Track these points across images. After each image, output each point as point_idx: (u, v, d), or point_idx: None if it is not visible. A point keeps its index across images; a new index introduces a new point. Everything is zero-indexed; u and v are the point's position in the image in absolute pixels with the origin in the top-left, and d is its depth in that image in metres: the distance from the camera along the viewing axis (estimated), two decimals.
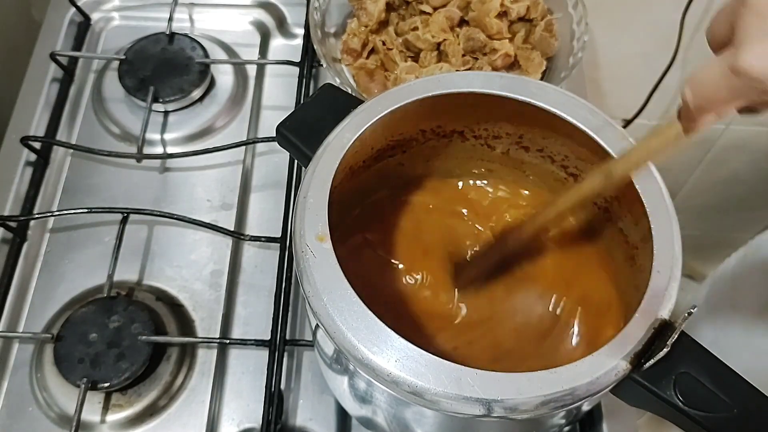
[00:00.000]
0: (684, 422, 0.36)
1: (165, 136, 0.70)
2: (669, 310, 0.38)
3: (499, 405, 0.35)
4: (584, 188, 0.43)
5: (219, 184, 0.68)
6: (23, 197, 0.66)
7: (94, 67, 0.75)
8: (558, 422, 0.44)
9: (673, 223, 0.41)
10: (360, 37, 0.71)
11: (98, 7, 0.79)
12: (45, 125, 0.70)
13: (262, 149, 0.70)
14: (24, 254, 0.63)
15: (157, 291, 0.61)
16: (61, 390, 0.55)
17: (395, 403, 0.41)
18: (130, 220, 0.63)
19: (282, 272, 0.61)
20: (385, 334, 0.36)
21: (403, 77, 0.68)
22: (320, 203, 0.41)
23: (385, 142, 0.49)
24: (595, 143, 0.44)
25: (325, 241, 0.39)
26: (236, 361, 0.59)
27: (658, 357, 0.36)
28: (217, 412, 0.57)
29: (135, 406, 0.55)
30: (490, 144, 0.52)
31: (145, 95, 0.69)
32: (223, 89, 0.73)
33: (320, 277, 0.38)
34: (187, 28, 0.78)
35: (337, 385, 0.48)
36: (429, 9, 0.69)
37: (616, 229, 0.48)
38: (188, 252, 0.64)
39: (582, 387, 0.35)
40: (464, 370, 0.35)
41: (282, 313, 0.59)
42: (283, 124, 0.48)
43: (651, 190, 0.42)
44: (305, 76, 0.72)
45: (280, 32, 0.79)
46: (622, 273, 0.47)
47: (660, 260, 0.39)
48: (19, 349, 0.59)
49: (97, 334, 0.56)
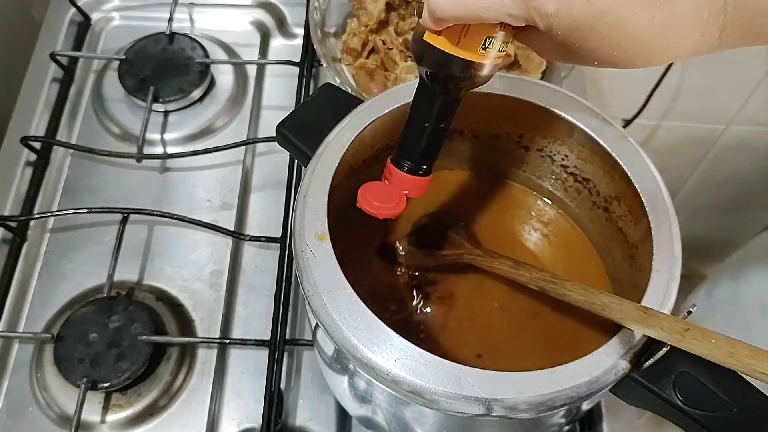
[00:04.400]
0: (684, 421, 0.36)
1: (165, 136, 0.70)
2: (669, 310, 0.38)
3: (498, 404, 0.35)
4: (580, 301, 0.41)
5: (219, 184, 0.68)
6: (23, 197, 0.66)
7: (94, 67, 0.75)
8: (558, 422, 0.44)
9: (673, 223, 0.41)
10: (360, 37, 0.71)
11: (98, 7, 0.79)
12: (45, 125, 0.70)
13: (262, 149, 0.70)
14: (24, 254, 0.63)
15: (157, 291, 0.61)
16: (61, 390, 0.55)
17: (395, 402, 0.41)
18: (130, 220, 0.63)
19: (282, 272, 0.61)
20: (385, 334, 0.36)
21: (403, 77, 0.68)
22: (320, 203, 0.41)
23: (385, 142, 0.49)
24: (595, 143, 0.45)
25: (324, 241, 0.39)
26: (236, 361, 0.59)
27: (658, 356, 0.36)
28: (217, 412, 0.57)
29: (135, 406, 0.55)
30: (490, 143, 0.52)
31: (145, 95, 0.69)
32: (223, 89, 0.73)
33: (320, 277, 0.38)
34: (187, 28, 0.78)
35: (337, 385, 0.48)
36: None
37: (616, 229, 0.48)
38: (188, 252, 0.64)
39: (582, 386, 0.35)
40: (464, 370, 0.35)
41: (282, 313, 0.59)
42: (283, 124, 0.48)
43: (651, 190, 0.42)
44: (305, 76, 0.72)
45: (280, 32, 0.79)
46: (622, 272, 0.47)
47: (660, 260, 0.40)
48: (19, 349, 0.59)
49: (97, 334, 0.56)
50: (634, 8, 0.31)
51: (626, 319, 0.37)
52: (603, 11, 0.31)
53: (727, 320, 0.77)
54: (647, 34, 0.32)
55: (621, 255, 0.47)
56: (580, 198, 0.51)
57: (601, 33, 0.32)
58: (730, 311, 0.77)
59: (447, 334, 0.48)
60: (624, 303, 0.38)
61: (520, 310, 0.48)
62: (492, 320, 0.48)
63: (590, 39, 0.32)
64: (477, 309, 0.49)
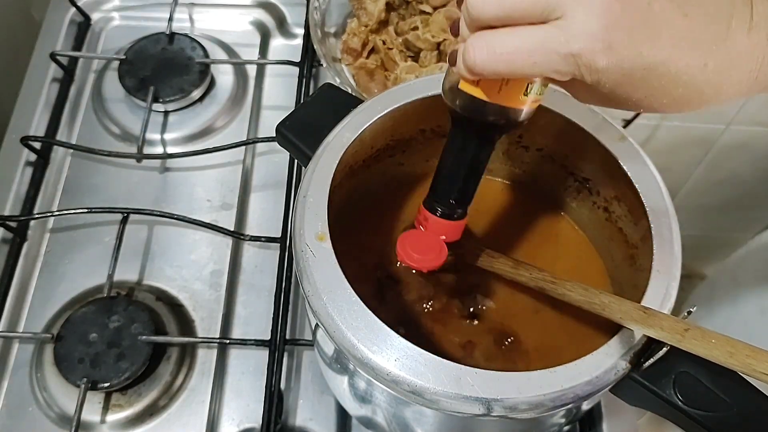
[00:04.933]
0: (684, 421, 0.36)
1: (165, 136, 0.70)
2: (669, 310, 0.38)
3: (498, 404, 0.35)
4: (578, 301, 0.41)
5: (219, 184, 0.68)
6: (23, 197, 0.66)
7: (94, 67, 0.75)
8: (558, 421, 0.44)
9: (673, 223, 0.41)
10: (360, 37, 0.71)
11: (98, 7, 0.79)
12: (45, 125, 0.70)
13: (262, 149, 0.70)
14: (24, 254, 0.63)
15: (157, 291, 0.61)
16: (61, 390, 0.55)
17: (395, 402, 0.41)
18: (130, 220, 0.63)
19: (282, 272, 0.61)
20: (385, 334, 0.36)
21: (403, 77, 0.68)
22: (320, 203, 0.41)
23: (385, 142, 0.49)
24: (595, 143, 0.45)
25: (324, 241, 0.39)
26: (236, 361, 0.59)
27: (658, 356, 0.36)
28: (217, 412, 0.57)
29: (135, 406, 0.55)
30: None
31: (145, 95, 0.69)
32: (223, 89, 0.73)
33: (320, 277, 0.38)
34: (187, 28, 0.78)
35: (337, 385, 0.48)
36: (429, 9, 0.69)
37: (616, 229, 0.48)
38: (188, 252, 0.64)
39: (582, 386, 0.35)
40: (464, 370, 0.35)
41: (282, 313, 0.59)
42: (283, 124, 0.48)
43: (651, 190, 0.42)
44: (305, 76, 0.72)
45: (280, 32, 0.79)
46: (622, 272, 0.47)
47: (660, 260, 0.40)
48: (19, 349, 0.59)
49: (97, 334, 0.56)
50: (686, 58, 0.30)
51: (626, 319, 0.37)
52: (655, 64, 0.30)
53: (727, 320, 0.77)
54: (699, 82, 0.31)
55: (621, 255, 0.47)
56: (580, 198, 0.51)
57: (652, 84, 0.31)
58: (730, 311, 0.77)
59: (447, 334, 0.48)
60: (624, 303, 0.38)
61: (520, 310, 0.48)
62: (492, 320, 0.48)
63: (639, 90, 0.31)
64: (476, 309, 0.49)
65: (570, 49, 0.29)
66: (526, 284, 0.45)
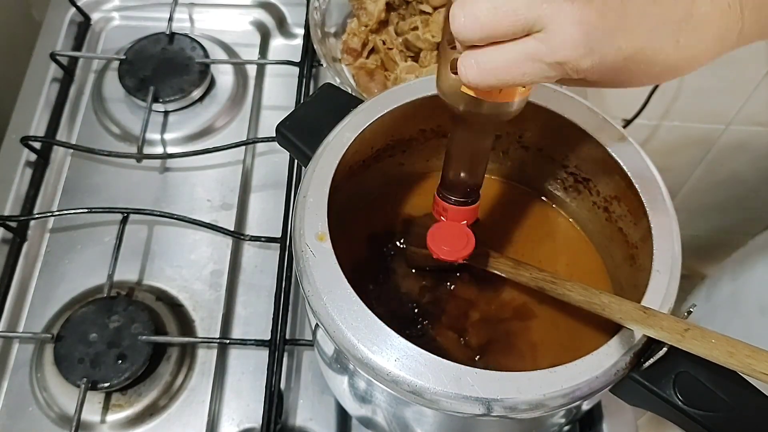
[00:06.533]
0: (684, 421, 0.36)
1: (165, 136, 0.70)
2: (669, 310, 0.38)
3: (498, 404, 0.35)
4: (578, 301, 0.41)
5: (219, 184, 0.68)
6: (23, 197, 0.66)
7: (94, 67, 0.75)
8: (558, 421, 0.44)
9: (673, 223, 0.41)
10: (360, 37, 0.71)
11: (98, 7, 0.79)
12: (45, 125, 0.70)
13: (262, 149, 0.70)
14: (24, 254, 0.63)
15: (157, 291, 0.61)
16: (61, 390, 0.55)
17: (395, 402, 0.41)
18: (130, 220, 0.63)
19: (282, 272, 0.61)
20: (385, 334, 0.36)
21: (403, 77, 0.68)
22: (320, 203, 0.41)
23: (385, 142, 0.49)
24: (595, 143, 0.45)
25: (324, 241, 0.39)
26: (236, 361, 0.59)
27: (658, 356, 0.36)
28: (217, 412, 0.57)
29: (135, 406, 0.55)
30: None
31: (145, 95, 0.69)
32: (223, 89, 0.73)
33: (320, 277, 0.38)
34: (187, 28, 0.78)
35: (337, 385, 0.48)
36: (429, 9, 0.69)
37: (616, 229, 0.48)
38: (188, 252, 0.64)
39: (582, 386, 0.35)
40: (464, 370, 0.35)
41: (282, 313, 0.59)
42: (283, 124, 0.48)
43: (651, 190, 0.42)
44: (305, 76, 0.72)
45: (280, 32, 0.79)
46: (622, 272, 0.47)
47: (660, 260, 0.40)
48: (19, 349, 0.59)
49: (97, 334, 0.56)
50: (660, 41, 0.32)
51: (626, 319, 0.37)
52: (633, 53, 0.32)
53: (727, 320, 0.77)
54: (673, 59, 0.33)
55: (621, 255, 0.47)
56: (580, 198, 0.51)
57: (631, 69, 0.33)
58: (730, 311, 0.77)
59: (446, 334, 0.48)
60: (624, 303, 0.38)
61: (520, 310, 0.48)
62: (492, 320, 0.48)
63: (620, 75, 0.33)
64: (477, 309, 0.49)
65: (555, 59, 0.32)
66: (526, 284, 0.45)
